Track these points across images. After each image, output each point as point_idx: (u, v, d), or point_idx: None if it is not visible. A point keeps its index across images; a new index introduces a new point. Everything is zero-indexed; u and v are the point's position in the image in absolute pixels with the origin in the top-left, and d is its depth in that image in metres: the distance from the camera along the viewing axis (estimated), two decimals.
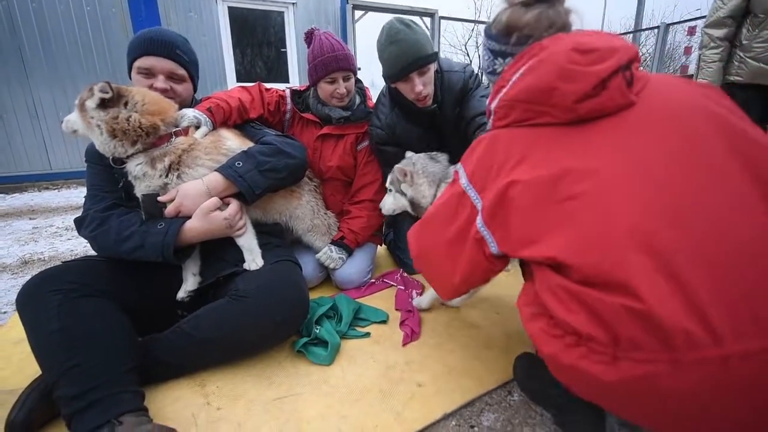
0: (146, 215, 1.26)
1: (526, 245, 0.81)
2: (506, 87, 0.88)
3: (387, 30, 1.54)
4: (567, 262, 0.72)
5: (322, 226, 1.79)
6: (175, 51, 1.39)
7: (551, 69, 0.81)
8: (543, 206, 0.78)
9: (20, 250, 2.55)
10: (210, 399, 1.14)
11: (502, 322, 1.52)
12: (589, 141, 0.79)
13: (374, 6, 6.51)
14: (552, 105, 0.81)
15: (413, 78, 1.54)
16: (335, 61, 1.68)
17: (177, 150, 1.29)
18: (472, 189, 0.92)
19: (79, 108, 1.25)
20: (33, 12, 4.43)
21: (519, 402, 1.15)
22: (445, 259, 1.00)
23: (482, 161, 0.91)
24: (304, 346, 1.31)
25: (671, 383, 0.61)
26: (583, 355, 0.68)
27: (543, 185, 0.78)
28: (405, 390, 1.17)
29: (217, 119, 1.43)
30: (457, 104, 1.74)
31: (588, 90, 0.78)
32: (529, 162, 0.82)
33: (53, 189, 4.67)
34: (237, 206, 1.35)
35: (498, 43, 0.97)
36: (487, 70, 1.05)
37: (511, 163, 0.84)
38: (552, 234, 0.76)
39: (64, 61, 4.64)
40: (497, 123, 0.91)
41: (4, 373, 1.26)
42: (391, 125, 1.76)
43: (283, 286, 1.27)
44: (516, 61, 0.89)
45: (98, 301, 1.11)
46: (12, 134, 4.58)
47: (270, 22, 5.85)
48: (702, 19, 7.25)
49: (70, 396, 0.96)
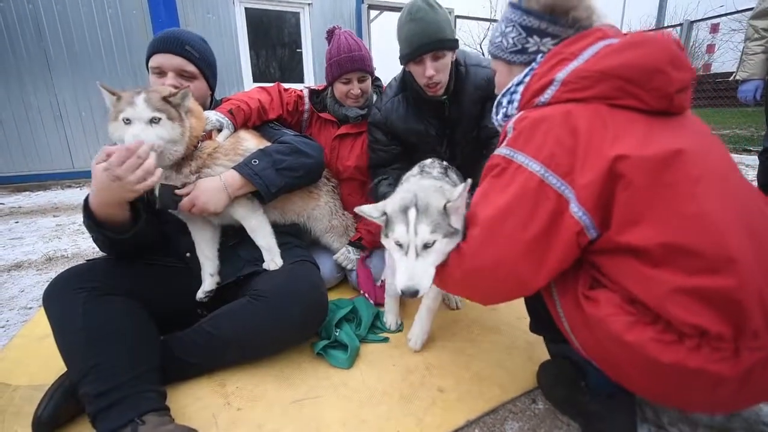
0: (161, 205, 1.24)
1: (629, 227, 0.74)
2: (575, 61, 0.83)
3: (409, 7, 1.47)
4: (686, 244, 0.69)
5: (340, 227, 1.78)
6: (184, 47, 1.37)
7: (662, 52, 0.77)
8: (654, 185, 0.72)
9: (44, 247, 2.61)
10: (230, 399, 1.14)
11: (523, 327, 1.48)
12: (677, 132, 0.78)
13: (389, 5, 6.50)
14: (649, 88, 0.77)
15: (426, 60, 1.47)
16: (350, 61, 1.68)
17: (203, 155, 1.29)
18: (552, 175, 0.78)
19: (178, 110, 1.18)
20: (58, 15, 4.56)
21: (544, 411, 1.11)
22: (522, 263, 0.83)
23: (561, 141, 0.78)
24: (324, 349, 1.30)
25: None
26: (708, 357, 0.68)
27: (655, 162, 0.72)
28: (426, 395, 1.15)
29: (238, 121, 1.44)
30: (480, 102, 1.65)
31: (688, 83, 0.79)
32: (629, 139, 0.75)
33: (75, 187, 4.80)
34: (123, 150, 1.01)
35: (540, 20, 0.92)
36: (511, 48, 0.97)
37: (606, 138, 0.76)
38: (664, 215, 0.72)
39: (87, 63, 4.77)
40: (567, 95, 0.82)
41: (31, 369, 1.28)
42: (389, 110, 1.69)
43: (302, 287, 1.26)
44: (579, 38, 0.86)
45: (122, 300, 1.12)
46: (37, 134, 4.73)
47: (285, 23, 5.89)
48: (727, 15, 7.04)
49: (94, 394, 0.97)
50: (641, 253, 0.73)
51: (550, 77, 0.84)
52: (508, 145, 0.86)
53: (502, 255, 0.85)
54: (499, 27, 1.01)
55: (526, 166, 0.81)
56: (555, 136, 0.79)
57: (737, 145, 6.08)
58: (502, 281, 0.87)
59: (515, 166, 0.83)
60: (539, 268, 0.82)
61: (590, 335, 0.82)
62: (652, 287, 0.72)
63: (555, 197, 0.78)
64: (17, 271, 2.21)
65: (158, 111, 1.13)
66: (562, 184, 0.78)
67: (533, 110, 0.86)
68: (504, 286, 0.89)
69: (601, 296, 0.79)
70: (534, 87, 0.87)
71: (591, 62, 0.81)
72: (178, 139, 1.18)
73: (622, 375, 0.81)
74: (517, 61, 0.98)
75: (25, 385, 1.20)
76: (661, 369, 0.71)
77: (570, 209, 0.78)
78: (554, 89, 0.83)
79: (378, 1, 6.33)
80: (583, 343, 0.85)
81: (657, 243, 0.71)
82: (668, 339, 0.70)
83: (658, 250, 0.71)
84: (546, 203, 0.79)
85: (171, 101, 1.17)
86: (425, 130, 1.69)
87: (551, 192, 0.78)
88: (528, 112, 0.86)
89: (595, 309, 0.78)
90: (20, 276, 2.15)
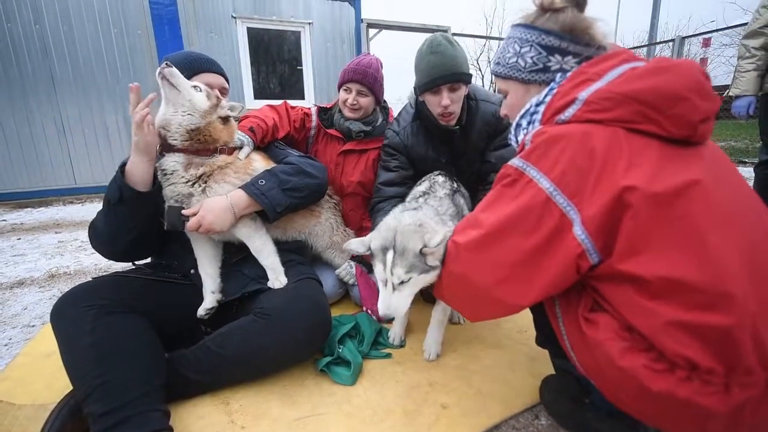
0: (169, 225, 1.28)
1: (631, 256, 0.74)
2: (599, 81, 0.83)
3: (430, 41, 1.57)
4: (685, 279, 0.69)
5: (341, 243, 1.80)
6: (221, 68, 1.50)
7: (687, 78, 0.77)
8: (660, 218, 0.72)
9: (47, 264, 2.62)
10: (234, 417, 1.14)
11: (526, 342, 1.50)
12: (692, 162, 0.77)
13: (388, 25, 6.65)
14: (670, 115, 0.76)
15: (443, 91, 1.56)
16: (352, 72, 1.80)
17: (214, 165, 1.33)
18: (560, 194, 0.78)
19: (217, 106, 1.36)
20: (63, 35, 4.66)
21: (547, 426, 1.12)
22: (512, 277, 0.84)
23: (574, 161, 0.78)
24: (327, 366, 1.31)
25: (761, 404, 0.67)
26: (698, 389, 0.68)
27: (662, 197, 0.72)
28: (430, 411, 1.15)
29: (258, 138, 1.52)
30: (487, 136, 1.75)
31: (713, 113, 0.77)
32: (641, 168, 0.75)
33: (77, 203, 4.82)
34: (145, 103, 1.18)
35: (560, 40, 0.93)
36: (531, 67, 0.97)
37: (620, 165, 0.75)
38: (667, 249, 0.72)
39: (91, 81, 4.85)
40: (588, 114, 0.81)
41: (35, 387, 1.28)
42: (407, 134, 1.77)
43: (306, 305, 1.28)
44: (604, 59, 0.87)
45: (129, 318, 1.13)
46: (40, 150, 4.78)
47: (286, 41, 6.02)
48: (718, 31, 7.23)
49: (99, 413, 0.97)
50: (641, 283, 0.74)
51: (572, 96, 0.84)
52: (522, 157, 0.85)
53: (487, 265, 0.87)
54: (509, 48, 1.00)
55: (536, 181, 0.81)
56: (570, 155, 0.79)
57: (733, 157, 6.16)
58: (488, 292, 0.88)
59: (526, 180, 0.83)
60: (531, 286, 0.83)
61: (589, 356, 0.83)
62: (648, 317, 0.73)
63: (558, 216, 0.79)
64: (20, 289, 2.22)
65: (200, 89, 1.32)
66: (568, 204, 0.78)
67: (552, 126, 0.86)
68: (488, 299, 0.90)
69: (601, 320, 0.80)
70: (556, 105, 0.87)
71: (615, 84, 0.81)
72: (199, 112, 1.29)
73: (617, 398, 0.82)
74: (538, 80, 0.97)
75: (29, 404, 1.20)
76: (651, 396, 0.72)
77: (573, 231, 0.78)
78: (576, 108, 0.83)
79: (377, 20, 6.48)
80: (583, 362, 0.87)
81: (657, 275, 0.71)
82: (659, 367, 0.72)
83: (658, 282, 0.71)
84: (549, 220, 0.79)
85: (218, 97, 1.35)
86: (437, 157, 1.78)
87: (556, 210, 0.79)
88: (547, 127, 0.86)
89: (594, 332, 0.80)
90: (23, 293, 2.15)
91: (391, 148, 1.80)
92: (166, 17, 5.02)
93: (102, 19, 4.78)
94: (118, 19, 4.85)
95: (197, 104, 1.28)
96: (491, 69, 1.12)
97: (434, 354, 1.41)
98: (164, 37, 5.03)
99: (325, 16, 5.99)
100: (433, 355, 1.41)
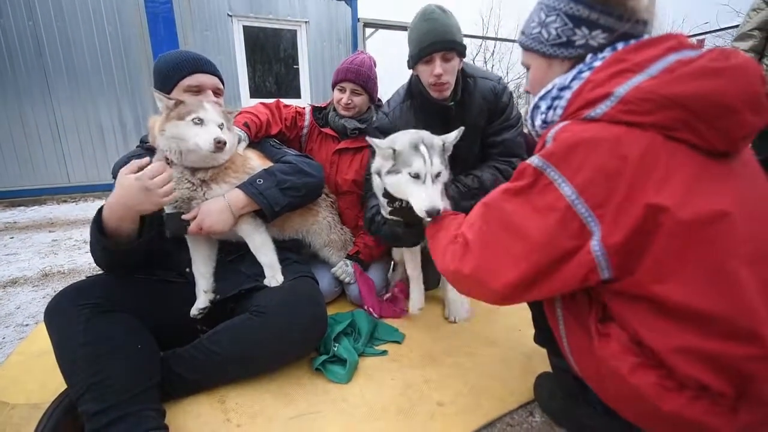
0: (170, 233, 1.29)
1: (657, 280, 0.69)
2: (640, 74, 0.72)
3: (423, 10, 1.51)
4: (710, 312, 0.65)
5: (338, 241, 1.80)
6: (216, 69, 1.49)
7: (744, 87, 0.67)
8: (691, 244, 0.67)
9: (41, 263, 2.60)
10: (230, 416, 1.14)
11: (520, 340, 1.51)
12: (728, 181, 0.70)
13: (384, 24, 6.64)
14: (716, 126, 0.67)
15: (435, 59, 1.49)
16: (346, 71, 1.81)
17: (220, 166, 1.34)
18: (582, 204, 0.71)
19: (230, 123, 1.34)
20: (57, 32, 4.62)
21: (541, 423, 1.13)
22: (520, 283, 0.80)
23: (603, 169, 0.70)
24: (323, 364, 1.31)
25: None
26: (707, 409, 0.67)
27: (696, 221, 0.66)
28: (425, 409, 1.16)
29: (252, 134, 1.53)
30: (488, 113, 1.67)
31: (758, 130, 0.69)
32: (676, 186, 0.67)
33: (71, 202, 4.78)
34: (158, 166, 1.10)
35: (590, 10, 0.81)
36: (554, 40, 0.86)
37: (653, 179, 0.68)
38: (694, 277, 0.67)
39: (85, 79, 4.81)
40: (624, 116, 0.71)
41: (29, 387, 1.27)
42: (397, 116, 1.71)
43: (302, 303, 1.28)
44: (647, 45, 0.76)
45: (124, 317, 1.13)
46: (33, 148, 4.73)
47: (282, 40, 6.00)
48: (711, 33, 7.29)
49: (93, 412, 0.97)
50: (660, 304, 0.70)
51: (607, 89, 0.74)
52: (543, 156, 0.77)
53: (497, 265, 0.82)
54: (535, 16, 0.90)
55: (557, 185, 0.74)
56: (598, 161, 0.70)
57: None
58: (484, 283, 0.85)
59: (545, 182, 0.76)
60: (529, 288, 0.80)
61: (592, 365, 0.80)
62: (662, 337, 0.70)
63: (578, 227, 0.72)
64: (13, 288, 2.20)
65: (224, 119, 1.30)
66: (590, 215, 0.71)
67: (579, 124, 0.76)
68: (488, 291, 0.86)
69: (613, 332, 0.76)
70: (587, 96, 0.77)
71: (658, 82, 0.70)
72: (232, 148, 1.31)
73: (616, 405, 0.81)
74: (560, 55, 0.87)
75: (23, 404, 1.19)
76: (659, 414, 0.70)
77: (590, 244, 0.71)
78: (610, 105, 0.73)
79: (373, 19, 6.48)
80: (583, 368, 0.85)
81: (682, 303, 0.67)
82: (669, 385, 0.69)
83: (682, 309, 0.67)
84: (566, 231, 0.73)
85: (228, 116, 1.33)
86: None
87: (576, 220, 0.72)
88: (573, 125, 0.76)
89: (605, 344, 0.76)
90: (16, 292, 2.13)
91: (379, 131, 1.71)
92: (161, 15, 4.99)
93: (96, 16, 4.75)
94: (112, 17, 4.81)
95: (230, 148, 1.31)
96: (517, 41, 1.01)
97: (419, 306, 1.59)
98: (159, 36, 5.00)
99: (322, 15, 5.98)
100: (418, 307, 1.59)
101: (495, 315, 1.69)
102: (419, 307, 1.60)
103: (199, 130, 1.21)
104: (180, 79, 1.39)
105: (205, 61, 1.46)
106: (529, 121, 0.95)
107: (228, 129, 1.31)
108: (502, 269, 0.81)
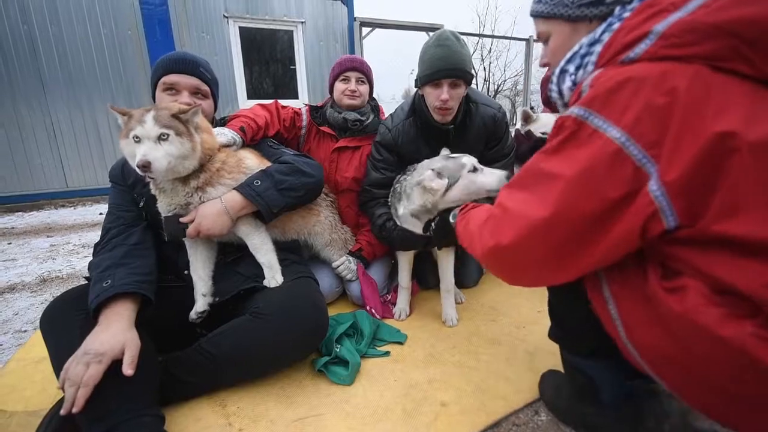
0: (168, 236, 1.27)
1: (728, 215, 0.62)
2: (678, 12, 0.68)
3: (438, 34, 1.56)
4: None
5: (340, 240, 1.79)
6: (199, 68, 1.44)
7: None
8: (763, 169, 0.60)
9: (39, 268, 2.58)
10: (231, 420, 1.13)
11: (523, 337, 1.49)
12: None
13: (381, 23, 6.63)
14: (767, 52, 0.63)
15: (443, 85, 1.54)
16: (350, 62, 1.86)
17: (213, 168, 1.31)
18: (634, 145, 0.66)
19: (187, 126, 1.21)
20: (52, 35, 4.60)
21: (547, 422, 1.11)
22: (567, 242, 0.73)
23: (652, 105, 0.65)
24: (325, 366, 1.30)
25: None
26: None
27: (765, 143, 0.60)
28: (429, 410, 1.15)
29: (247, 138, 1.51)
30: (485, 138, 1.76)
31: None
32: (734, 112, 0.62)
33: (69, 206, 4.76)
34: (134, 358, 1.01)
35: None
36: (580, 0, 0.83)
37: (709, 108, 0.63)
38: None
39: (81, 82, 4.79)
40: (666, 51, 0.67)
41: (27, 394, 1.26)
42: (400, 132, 1.75)
43: (302, 304, 1.27)
44: None
45: None
46: (30, 153, 4.71)
47: (279, 41, 5.99)
48: None
49: (90, 419, 0.95)
50: (737, 244, 0.62)
51: (645, 29, 0.70)
52: (582, 104, 0.71)
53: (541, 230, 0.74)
54: None
55: (602, 131, 0.68)
56: (645, 98, 0.65)
57: None
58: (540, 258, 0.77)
59: (589, 130, 0.70)
60: (584, 253, 0.72)
61: (663, 334, 0.70)
62: (750, 275, 0.61)
63: (633, 170, 0.66)
64: (11, 294, 2.18)
65: (166, 128, 1.16)
66: (644, 156, 0.65)
67: (617, 67, 0.72)
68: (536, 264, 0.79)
69: (687, 283, 0.67)
70: (621, 41, 0.73)
71: (701, 13, 0.66)
72: (188, 154, 1.20)
73: (694, 381, 0.69)
74: (589, 15, 0.82)
75: (21, 411, 1.17)
76: (759, 372, 0.60)
77: (648, 186, 0.65)
78: (650, 43, 0.69)
79: (370, 18, 6.46)
80: (649, 347, 0.74)
81: (761, 237, 0.60)
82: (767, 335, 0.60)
83: (761, 243, 0.60)
84: (617, 179, 0.67)
85: (180, 117, 1.19)
86: (431, 156, 1.74)
87: (629, 163, 0.66)
88: (610, 69, 0.72)
89: (679, 299, 0.66)
90: (14, 298, 2.12)
91: (382, 146, 1.78)
92: (157, 17, 4.97)
93: (91, 18, 4.73)
94: (108, 19, 4.79)
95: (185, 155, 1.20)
96: (530, 11, 0.94)
97: (454, 319, 1.63)
98: (155, 38, 4.99)
99: (318, 15, 5.97)
100: (454, 320, 1.63)
101: (497, 313, 1.68)
102: (402, 318, 1.68)
103: (136, 148, 1.13)
104: (157, 80, 1.40)
105: (186, 61, 1.41)
106: (554, 89, 0.88)
107: (181, 134, 1.18)
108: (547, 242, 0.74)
